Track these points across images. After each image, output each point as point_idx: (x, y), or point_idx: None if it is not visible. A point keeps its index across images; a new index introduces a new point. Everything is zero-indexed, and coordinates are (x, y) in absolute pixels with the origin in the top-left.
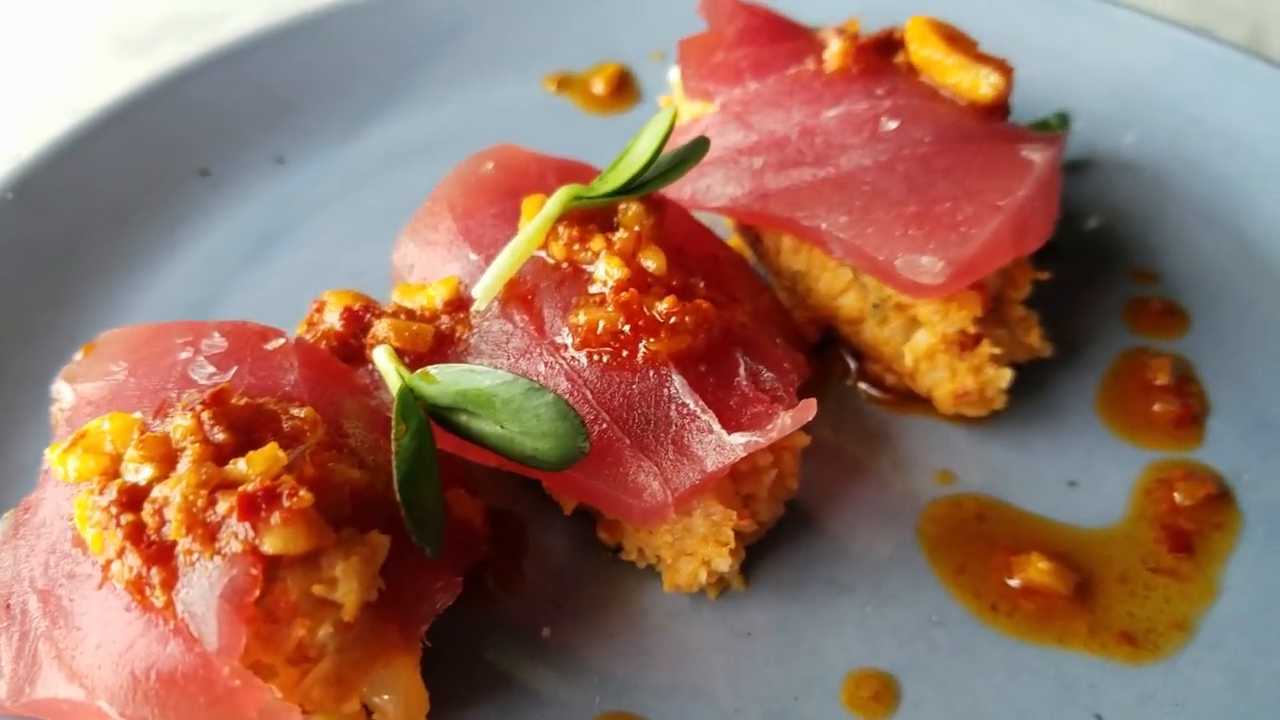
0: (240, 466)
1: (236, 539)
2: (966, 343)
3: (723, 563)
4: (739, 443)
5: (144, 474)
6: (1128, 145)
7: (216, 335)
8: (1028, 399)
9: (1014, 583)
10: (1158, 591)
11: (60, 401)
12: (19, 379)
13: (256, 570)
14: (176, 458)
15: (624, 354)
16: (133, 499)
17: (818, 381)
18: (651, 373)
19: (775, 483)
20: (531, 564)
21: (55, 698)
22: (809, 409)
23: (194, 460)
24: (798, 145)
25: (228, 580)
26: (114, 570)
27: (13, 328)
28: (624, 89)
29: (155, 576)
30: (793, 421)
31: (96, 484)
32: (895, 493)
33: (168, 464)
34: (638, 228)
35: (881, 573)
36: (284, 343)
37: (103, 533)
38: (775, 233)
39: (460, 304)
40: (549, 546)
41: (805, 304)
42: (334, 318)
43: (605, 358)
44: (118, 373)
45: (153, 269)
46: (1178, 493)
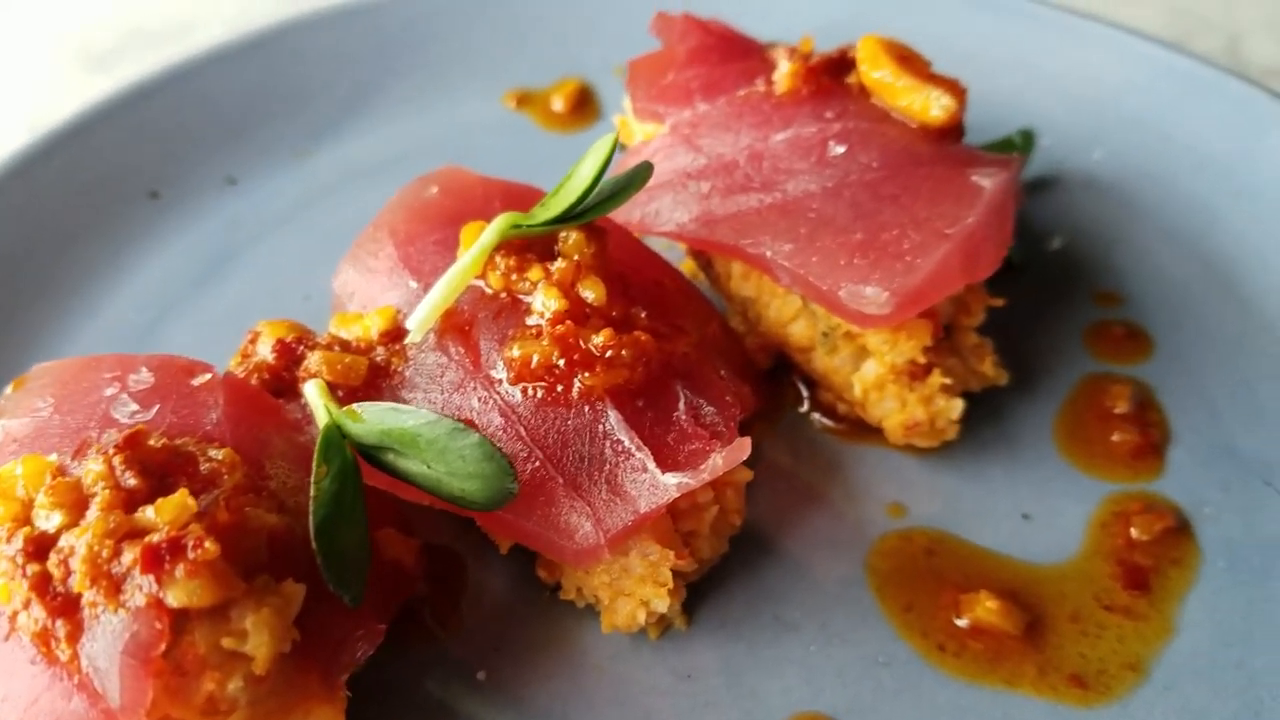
0: (149, 515)
1: (141, 592)
2: (916, 373)
3: (661, 603)
4: (672, 483)
5: (54, 521)
6: (1095, 162)
7: (144, 370)
8: (984, 427)
9: (962, 622)
10: (1111, 631)
11: None
12: None
13: (161, 624)
14: (88, 504)
15: (559, 389)
16: (40, 548)
17: (770, 410)
18: (587, 408)
19: (718, 518)
20: (470, 602)
21: None
22: (743, 448)
23: (102, 508)
24: (745, 170)
25: (130, 635)
26: (20, 622)
27: None
28: (584, 106)
29: (60, 629)
30: (725, 462)
31: (5, 531)
32: (845, 525)
33: (78, 510)
34: (577, 257)
35: (828, 610)
36: (210, 378)
37: (9, 582)
38: (725, 258)
39: (397, 335)
40: (488, 584)
41: (756, 330)
42: (266, 349)
43: (540, 393)
44: (44, 409)
45: (97, 295)
46: (1134, 527)
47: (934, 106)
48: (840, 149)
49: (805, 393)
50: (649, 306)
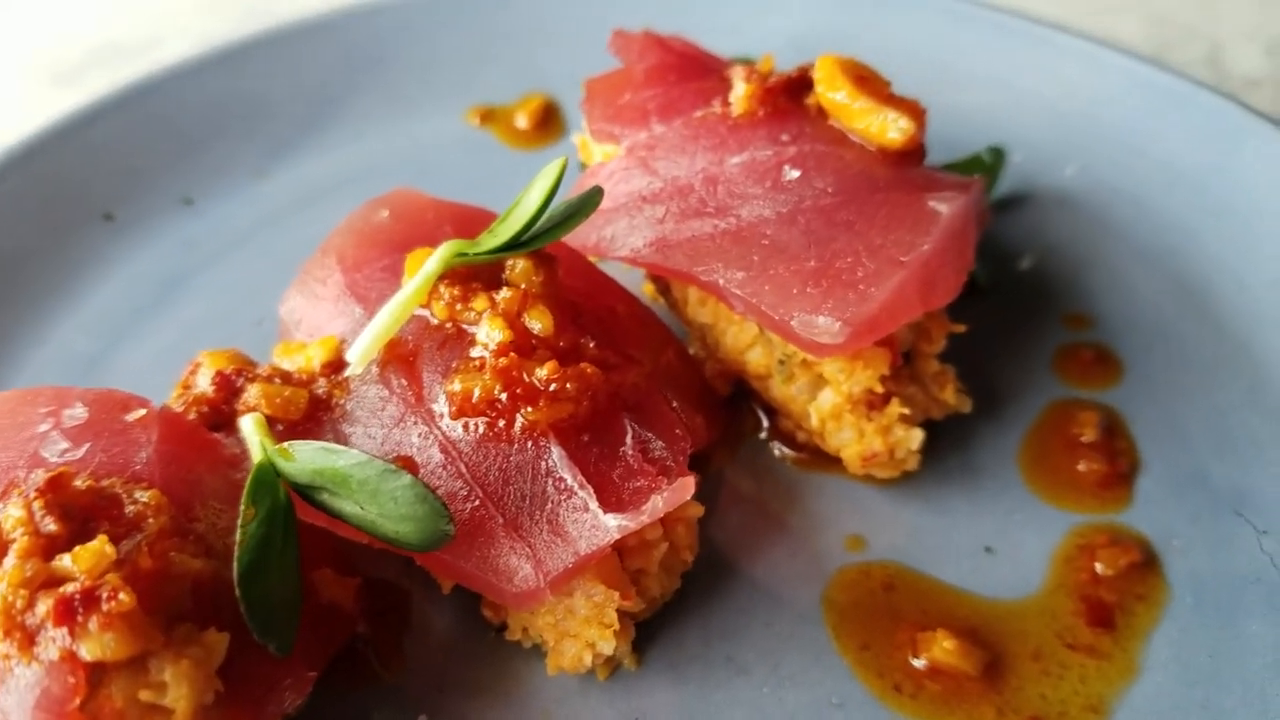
0: (67, 563)
1: (54, 645)
2: (874, 402)
3: (607, 645)
4: (613, 525)
5: None
6: (1067, 178)
7: (79, 405)
8: (948, 455)
9: (919, 662)
10: (1073, 670)
11: None
12: None
13: (75, 678)
14: (6, 550)
15: (501, 424)
16: None
17: (730, 437)
18: (530, 444)
19: (668, 555)
20: (414, 640)
21: None
22: (686, 488)
23: (19, 555)
24: (700, 194)
25: (42, 690)
26: None
27: None
28: (549, 123)
29: None
30: (666, 503)
31: None
32: (802, 559)
33: None
34: (524, 285)
35: (782, 651)
36: (145, 414)
37: None
38: (682, 284)
39: (339, 366)
40: (433, 622)
41: (715, 356)
42: (206, 381)
43: (481, 428)
44: None
45: (46, 321)
46: (1100, 561)
47: (891, 129)
48: (795, 173)
49: (765, 420)
50: (600, 335)
